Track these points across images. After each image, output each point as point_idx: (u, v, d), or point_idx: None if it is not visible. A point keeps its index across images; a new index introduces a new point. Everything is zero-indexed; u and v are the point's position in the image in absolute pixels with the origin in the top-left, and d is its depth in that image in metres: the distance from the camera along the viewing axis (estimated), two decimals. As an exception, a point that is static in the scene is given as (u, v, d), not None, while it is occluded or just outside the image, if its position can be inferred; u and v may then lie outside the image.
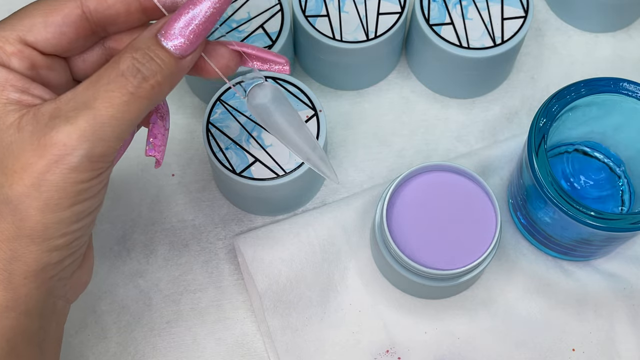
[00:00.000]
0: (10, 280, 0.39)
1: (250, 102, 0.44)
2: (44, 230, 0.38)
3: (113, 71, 0.38)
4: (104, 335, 0.57)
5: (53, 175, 0.37)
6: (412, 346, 0.56)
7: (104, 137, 0.38)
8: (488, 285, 0.58)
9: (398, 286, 0.57)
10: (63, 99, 0.38)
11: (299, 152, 0.44)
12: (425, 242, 0.53)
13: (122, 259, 0.59)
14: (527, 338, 0.57)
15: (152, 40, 0.40)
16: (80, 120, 0.37)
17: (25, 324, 0.40)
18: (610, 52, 0.66)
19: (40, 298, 0.40)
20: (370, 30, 0.58)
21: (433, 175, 0.55)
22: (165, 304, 0.58)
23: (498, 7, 0.59)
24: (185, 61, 0.40)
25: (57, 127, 0.37)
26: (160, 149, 0.44)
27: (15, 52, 0.40)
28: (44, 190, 0.37)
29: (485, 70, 0.61)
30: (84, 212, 0.39)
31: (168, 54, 0.40)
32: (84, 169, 0.38)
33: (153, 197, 0.61)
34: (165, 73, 0.39)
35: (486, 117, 0.64)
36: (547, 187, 0.50)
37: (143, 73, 0.39)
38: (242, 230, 0.60)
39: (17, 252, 0.38)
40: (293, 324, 0.57)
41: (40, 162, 0.37)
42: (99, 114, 0.38)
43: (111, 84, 0.38)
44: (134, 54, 0.39)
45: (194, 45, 0.40)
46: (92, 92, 0.38)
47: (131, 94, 0.38)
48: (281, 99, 0.44)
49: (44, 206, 0.38)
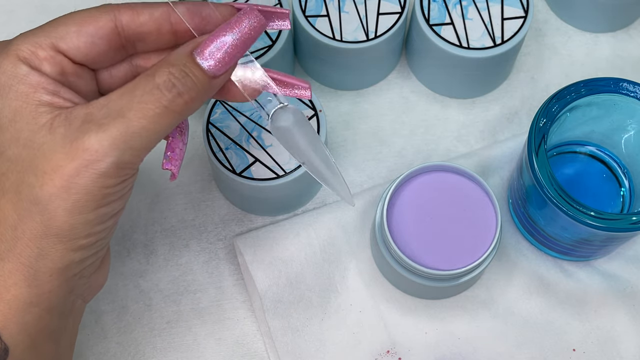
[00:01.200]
0: (36, 277, 0.40)
1: (273, 125, 0.45)
2: (71, 230, 0.39)
3: (148, 83, 0.40)
4: (104, 335, 0.57)
5: (82, 179, 0.38)
6: (412, 346, 0.56)
7: (133, 147, 0.39)
8: (488, 285, 0.58)
9: (398, 286, 0.57)
10: (96, 104, 0.40)
11: (319, 175, 0.45)
12: (426, 243, 0.53)
13: (122, 259, 0.59)
14: (528, 338, 0.57)
15: (188, 57, 0.41)
16: (112, 128, 0.38)
17: (46, 320, 0.41)
18: (610, 52, 0.66)
19: (62, 295, 0.42)
20: (370, 30, 0.58)
21: (433, 175, 0.55)
22: (165, 304, 0.58)
23: (498, 7, 0.59)
24: (217, 81, 0.42)
25: (90, 132, 0.38)
26: (176, 163, 0.46)
27: (47, 58, 0.41)
28: (73, 192, 0.39)
29: (485, 70, 0.61)
30: (108, 215, 0.41)
31: (202, 73, 0.41)
32: (112, 174, 0.39)
33: (153, 197, 0.61)
34: (199, 90, 0.41)
35: (486, 117, 0.64)
36: (547, 187, 0.50)
37: (178, 88, 0.40)
38: (242, 230, 0.60)
39: (43, 250, 0.40)
40: (293, 324, 0.57)
41: (70, 165, 0.38)
42: (131, 124, 0.39)
43: (146, 95, 0.39)
44: (171, 69, 0.40)
45: (226, 66, 0.41)
46: (126, 101, 0.39)
47: (165, 107, 0.39)
48: (303, 121, 0.45)
49: (72, 207, 0.39)
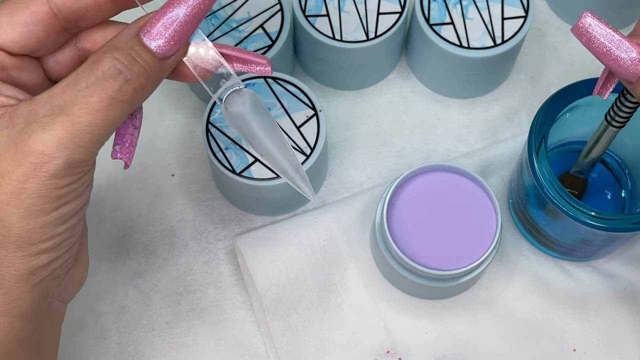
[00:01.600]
0: (1, 286, 0.38)
1: (226, 109, 0.42)
2: (29, 236, 0.37)
3: (92, 73, 0.36)
4: (104, 335, 0.57)
5: (32, 183, 0.36)
6: (412, 346, 0.56)
7: (82, 144, 0.36)
8: (489, 285, 0.58)
9: (398, 286, 0.57)
10: (39, 100, 0.37)
11: (276, 164, 0.42)
12: (426, 243, 0.53)
13: (121, 259, 0.59)
14: (528, 338, 0.57)
15: (134, 39, 0.37)
16: (57, 127, 0.36)
17: (19, 327, 0.39)
18: (610, 52, 0.66)
19: (34, 300, 0.39)
20: (370, 30, 0.58)
21: (433, 175, 0.55)
22: (165, 305, 0.58)
23: (498, 6, 0.59)
24: (168, 62, 0.39)
25: (34, 133, 0.36)
26: (126, 151, 0.41)
27: None
28: (24, 197, 0.36)
29: (486, 70, 0.61)
30: (69, 214, 0.38)
31: (151, 55, 0.37)
32: (63, 175, 0.37)
33: (153, 197, 0.61)
34: (149, 75, 0.37)
35: (486, 117, 0.64)
36: (547, 187, 0.50)
37: (125, 75, 0.37)
38: (242, 230, 0.60)
39: (4, 259, 0.38)
40: (293, 324, 0.56)
41: (18, 171, 0.36)
42: (77, 120, 0.36)
43: (90, 87, 0.36)
44: (115, 54, 0.37)
45: (177, 45, 0.38)
46: (69, 95, 0.36)
47: (111, 98, 0.36)
48: (260, 107, 0.42)
49: (26, 213, 0.37)
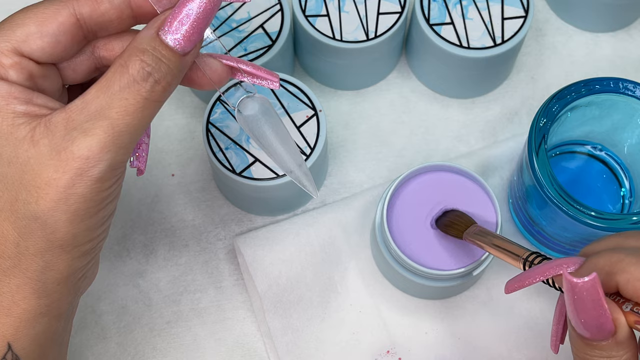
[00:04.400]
0: (44, 288, 0.40)
1: (239, 113, 0.45)
2: (74, 239, 0.39)
3: (123, 77, 0.38)
4: (104, 335, 0.57)
5: (79, 188, 0.38)
6: (412, 347, 0.56)
7: (122, 145, 0.38)
8: (489, 285, 0.58)
9: (398, 286, 0.57)
10: (73, 108, 0.38)
11: (284, 165, 0.45)
12: (426, 243, 0.53)
13: (122, 259, 0.59)
14: (528, 338, 0.57)
15: (155, 40, 0.39)
16: (98, 131, 0.37)
17: (55, 327, 0.41)
18: (610, 51, 0.66)
19: (69, 300, 0.42)
20: (371, 30, 0.58)
21: (433, 175, 0.55)
22: (165, 305, 0.58)
23: (498, 6, 0.59)
24: (188, 58, 0.40)
25: (76, 140, 0.37)
26: (143, 160, 0.45)
27: (13, 65, 0.40)
28: (71, 203, 0.38)
29: (486, 70, 0.61)
30: (107, 215, 0.41)
31: (173, 53, 0.39)
32: (107, 177, 0.38)
33: (153, 197, 0.61)
34: (173, 73, 0.39)
35: (486, 117, 0.64)
36: (547, 187, 0.50)
37: (154, 76, 0.39)
38: (242, 230, 0.60)
39: (49, 263, 0.39)
40: (293, 324, 0.56)
41: (64, 177, 0.37)
42: (116, 123, 0.38)
43: (124, 91, 0.38)
44: (142, 57, 0.39)
45: (195, 40, 0.40)
46: (105, 100, 0.38)
47: (145, 99, 0.38)
48: (270, 111, 0.45)
49: (72, 217, 0.38)
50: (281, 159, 0.45)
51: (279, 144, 0.44)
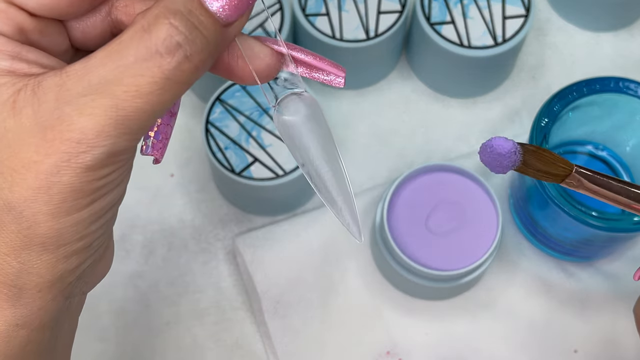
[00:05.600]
0: (21, 295, 0.32)
1: (279, 114, 0.34)
2: (58, 236, 0.31)
3: (142, 44, 0.29)
4: (103, 336, 0.57)
5: (64, 176, 0.30)
6: (412, 347, 0.56)
7: (127, 132, 0.30)
8: (489, 286, 0.58)
9: (399, 287, 0.57)
10: (72, 72, 0.29)
11: (325, 192, 0.35)
12: (426, 243, 0.53)
13: (121, 259, 0.59)
14: (529, 339, 0.57)
15: (193, 1, 0.29)
16: (97, 112, 0.29)
17: (37, 338, 0.34)
18: (612, 51, 0.66)
19: (57, 308, 0.34)
20: (371, 29, 0.58)
21: (434, 175, 0.55)
22: (164, 305, 0.58)
23: (499, 5, 0.59)
24: (231, 31, 0.31)
25: (68, 118, 0.29)
26: (160, 145, 0.36)
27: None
28: (54, 193, 0.30)
29: (487, 69, 0.61)
30: (105, 208, 0.32)
31: (213, 21, 0.30)
32: (102, 165, 0.30)
33: (152, 197, 0.61)
34: (210, 49, 0.30)
35: (487, 117, 0.64)
36: (548, 187, 0.50)
37: (185, 49, 0.29)
38: (241, 230, 0.60)
39: (26, 264, 0.32)
40: (293, 325, 0.56)
41: (47, 161, 0.29)
42: (122, 105, 0.29)
43: (140, 63, 0.29)
44: (172, 20, 0.29)
45: (242, 8, 0.30)
46: (112, 71, 0.29)
47: (167, 79, 0.29)
48: (320, 118, 0.35)
49: (55, 210, 0.30)
50: (323, 184, 0.35)
51: (324, 163, 0.35)
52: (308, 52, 0.34)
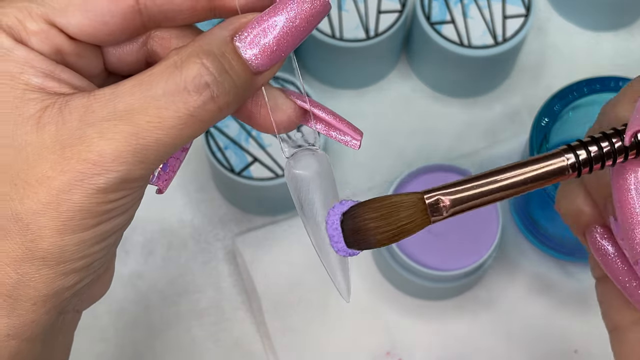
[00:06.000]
0: (15, 307, 0.33)
1: (292, 168, 0.35)
2: (60, 253, 0.32)
3: (172, 79, 0.30)
4: (103, 336, 0.57)
5: (75, 195, 0.30)
6: (412, 348, 0.56)
7: (144, 161, 0.30)
8: (490, 286, 0.58)
9: (399, 287, 0.57)
10: (99, 96, 0.30)
11: (322, 246, 0.36)
12: (426, 243, 0.53)
13: (120, 259, 0.59)
14: (529, 340, 0.56)
15: (228, 45, 0.30)
16: (118, 137, 0.30)
17: (27, 349, 0.34)
18: (612, 50, 0.66)
19: (49, 322, 0.34)
20: (371, 29, 0.58)
21: (434, 175, 0.54)
22: (163, 305, 0.58)
23: (499, 5, 0.59)
24: (260, 79, 0.32)
25: (88, 139, 0.30)
26: (166, 177, 0.36)
27: (37, 32, 0.32)
28: (63, 210, 0.31)
29: (487, 69, 0.61)
30: (110, 231, 0.33)
31: (245, 67, 0.31)
32: (114, 189, 0.31)
33: (151, 197, 0.61)
34: (237, 93, 0.31)
35: (488, 117, 0.64)
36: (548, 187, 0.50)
37: (212, 90, 0.30)
38: (241, 230, 0.60)
39: (25, 276, 0.32)
40: (293, 325, 0.56)
41: (60, 178, 0.30)
42: (143, 134, 0.30)
43: (167, 97, 0.29)
44: (205, 60, 0.30)
45: (274, 59, 0.31)
46: (139, 100, 0.30)
47: (190, 116, 0.30)
48: (329, 175, 0.35)
49: (62, 227, 0.31)
50: (320, 239, 0.35)
51: (324, 222, 0.35)
52: (329, 112, 0.34)
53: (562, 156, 0.31)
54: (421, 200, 0.32)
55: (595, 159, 0.31)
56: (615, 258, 0.35)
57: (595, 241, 0.35)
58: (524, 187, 0.32)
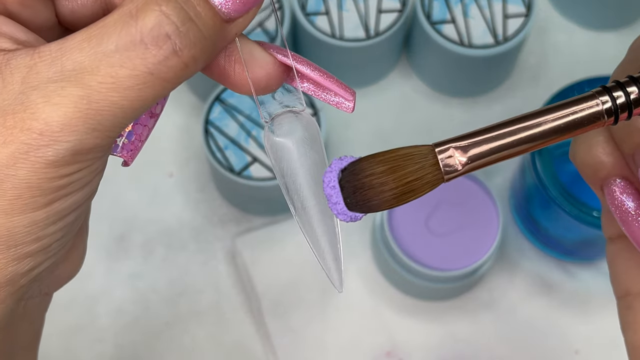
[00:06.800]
0: None
1: (271, 133, 0.30)
2: (10, 237, 0.27)
3: (126, 31, 0.25)
4: (102, 337, 0.57)
5: (21, 169, 0.26)
6: (413, 348, 0.56)
7: (99, 128, 0.26)
8: (490, 286, 0.58)
9: (399, 287, 0.57)
10: (45, 53, 0.26)
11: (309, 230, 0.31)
12: (427, 243, 0.53)
13: (119, 259, 0.59)
14: (530, 340, 0.56)
15: None
16: (66, 102, 0.25)
17: None
18: (614, 50, 0.66)
19: (7, 311, 0.30)
20: (371, 28, 0.58)
21: (434, 175, 0.54)
22: (163, 306, 0.58)
23: (500, 4, 0.59)
24: (232, 27, 0.27)
25: (33, 105, 0.25)
26: (131, 147, 0.31)
27: None
28: (8, 187, 0.26)
29: (487, 68, 0.60)
30: (67, 209, 0.28)
31: (213, 14, 0.26)
32: (66, 162, 0.26)
33: (151, 197, 0.61)
34: (206, 44, 0.26)
35: (488, 116, 0.63)
36: (549, 187, 0.50)
37: (174, 42, 0.25)
38: (240, 230, 0.60)
39: None
40: (293, 325, 0.56)
41: (3, 151, 0.26)
42: (95, 97, 0.25)
43: (121, 53, 0.25)
44: (164, 7, 0.25)
45: (249, 3, 0.27)
46: (89, 57, 0.25)
47: (150, 74, 0.25)
48: (316, 142, 0.31)
49: (8, 207, 0.27)
50: (307, 219, 0.31)
51: (311, 196, 0.31)
52: (316, 68, 0.30)
53: (596, 99, 0.27)
54: (432, 152, 0.28)
55: (635, 102, 0.26)
56: (637, 216, 0.31)
57: (615, 196, 0.31)
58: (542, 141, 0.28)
